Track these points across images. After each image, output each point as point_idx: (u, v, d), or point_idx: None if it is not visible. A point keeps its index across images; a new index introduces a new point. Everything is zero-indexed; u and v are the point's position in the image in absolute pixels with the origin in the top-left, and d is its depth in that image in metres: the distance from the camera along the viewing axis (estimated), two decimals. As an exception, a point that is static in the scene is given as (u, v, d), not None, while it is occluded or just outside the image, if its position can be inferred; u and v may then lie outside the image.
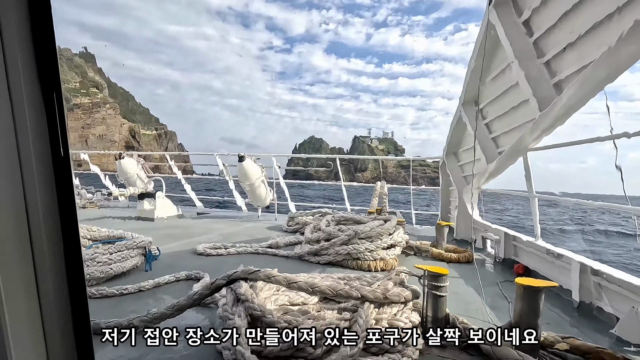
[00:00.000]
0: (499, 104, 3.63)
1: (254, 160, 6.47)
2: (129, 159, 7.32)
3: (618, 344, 1.98)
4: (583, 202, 2.99)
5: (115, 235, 3.44)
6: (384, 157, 7.81)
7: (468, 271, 3.52)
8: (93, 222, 5.90)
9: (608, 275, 2.25)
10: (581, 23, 2.12)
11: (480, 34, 3.24)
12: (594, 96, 2.28)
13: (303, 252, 3.78)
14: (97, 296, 2.42)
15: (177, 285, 2.80)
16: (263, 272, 1.87)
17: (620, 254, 13.90)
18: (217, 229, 5.65)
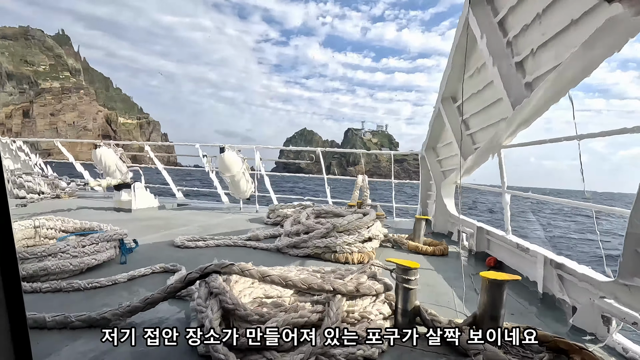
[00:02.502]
0: (475, 101, 3.71)
1: (236, 152, 6.42)
2: (106, 148, 7.12)
3: (575, 333, 2.10)
4: (546, 197, 3.15)
5: (90, 227, 3.37)
6: (363, 151, 7.88)
7: (442, 264, 3.63)
8: (68, 213, 5.76)
9: (569, 269, 2.37)
10: (552, 25, 2.18)
11: (458, 32, 3.29)
12: (562, 97, 2.37)
13: (282, 244, 3.80)
14: (68, 289, 2.38)
15: (153, 277, 2.78)
16: (237, 265, 1.88)
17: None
18: (197, 221, 5.60)
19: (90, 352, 1.63)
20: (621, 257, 1.78)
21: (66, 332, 1.83)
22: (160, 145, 9.38)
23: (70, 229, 3.26)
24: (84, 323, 1.85)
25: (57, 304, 2.19)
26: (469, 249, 4.12)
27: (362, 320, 1.87)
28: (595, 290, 2.09)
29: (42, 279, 2.50)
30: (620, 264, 1.80)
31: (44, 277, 2.50)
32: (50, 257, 2.58)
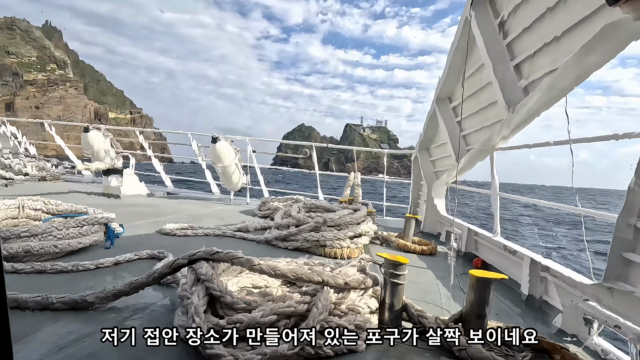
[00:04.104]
0: (471, 102, 3.72)
1: (229, 142, 6.36)
2: (95, 131, 6.98)
3: (558, 334, 2.13)
4: (534, 200, 3.19)
5: (76, 209, 3.30)
6: (357, 148, 7.88)
7: (430, 263, 3.65)
8: (55, 196, 5.63)
9: (555, 271, 2.40)
10: (550, 30, 2.20)
11: (458, 32, 3.30)
12: (557, 101, 2.39)
13: (271, 237, 3.78)
14: (51, 271, 2.33)
15: (139, 263, 2.73)
16: (225, 253, 1.86)
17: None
18: (186, 210, 5.54)
19: (70, 335, 1.59)
20: (607, 260, 1.80)
21: (47, 313, 1.79)
22: (152, 139, 9.22)
23: (55, 211, 3.19)
24: (65, 305, 1.81)
25: (39, 285, 2.14)
26: (458, 250, 4.15)
27: (350, 313, 1.87)
28: (578, 293, 2.12)
29: (24, 259, 2.43)
30: (606, 268, 1.82)
31: (26, 257, 2.44)
32: (33, 238, 2.52)
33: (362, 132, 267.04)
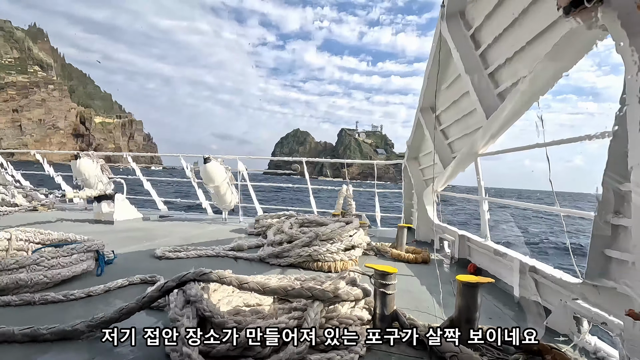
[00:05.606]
0: (453, 110, 3.83)
1: (220, 162, 6.39)
2: (86, 159, 6.97)
3: (549, 334, 2.15)
4: (519, 203, 3.26)
5: (66, 238, 3.28)
6: (349, 161, 7.97)
7: (424, 271, 3.67)
8: (45, 225, 5.58)
9: (543, 272, 2.44)
10: (519, 38, 2.30)
11: (433, 44, 3.42)
12: (530, 106, 2.48)
13: (265, 254, 3.78)
14: (41, 302, 2.31)
15: (131, 289, 2.72)
16: (215, 273, 1.87)
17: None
18: (179, 232, 5.52)
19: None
20: (588, 258, 1.85)
21: (37, 345, 1.77)
22: (145, 156, 9.23)
23: (45, 241, 3.17)
24: (55, 335, 1.80)
25: (29, 317, 2.12)
26: (451, 256, 4.17)
27: (341, 326, 1.88)
28: (567, 292, 2.15)
29: (13, 292, 2.41)
30: (587, 266, 1.86)
31: (15, 290, 2.42)
32: (23, 270, 2.50)
33: (357, 137, 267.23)
